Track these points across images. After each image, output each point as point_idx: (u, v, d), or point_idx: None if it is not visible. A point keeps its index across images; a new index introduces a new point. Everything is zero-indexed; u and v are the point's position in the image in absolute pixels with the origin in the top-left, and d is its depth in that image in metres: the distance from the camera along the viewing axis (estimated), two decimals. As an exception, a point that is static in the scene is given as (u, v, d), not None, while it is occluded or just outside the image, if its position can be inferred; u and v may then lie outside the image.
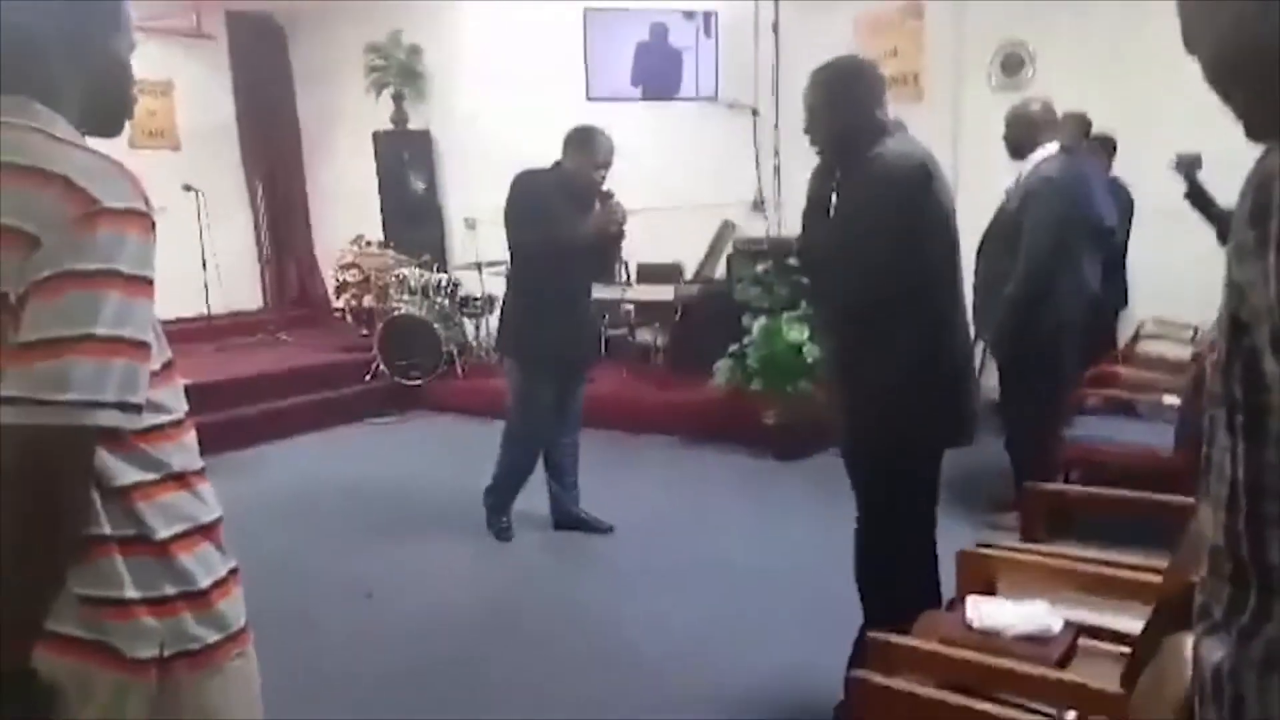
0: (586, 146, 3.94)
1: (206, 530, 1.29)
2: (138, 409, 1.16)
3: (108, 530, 1.18)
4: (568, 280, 4.00)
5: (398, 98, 8.61)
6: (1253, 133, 0.85)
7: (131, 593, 1.19)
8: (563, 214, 3.88)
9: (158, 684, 1.22)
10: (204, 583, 1.26)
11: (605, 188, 3.99)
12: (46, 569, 1.14)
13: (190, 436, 1.31)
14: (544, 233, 3.82)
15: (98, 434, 1.12)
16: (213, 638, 1.26)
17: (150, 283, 1.18)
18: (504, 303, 4.27)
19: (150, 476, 1.22)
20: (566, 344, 4.06)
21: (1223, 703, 0.84)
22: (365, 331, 7.66)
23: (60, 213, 1.10)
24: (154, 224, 1.19)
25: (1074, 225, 4.00)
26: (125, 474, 1.20)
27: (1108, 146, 5.14)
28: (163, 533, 1.22)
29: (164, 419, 1.25)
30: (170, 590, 1.22)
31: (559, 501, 4.35)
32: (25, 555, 1.11)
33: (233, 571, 1.33)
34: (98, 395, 1.10)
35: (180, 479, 1.26)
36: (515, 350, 4.14)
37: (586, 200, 3.97)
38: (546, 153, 4.02)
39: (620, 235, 4.04)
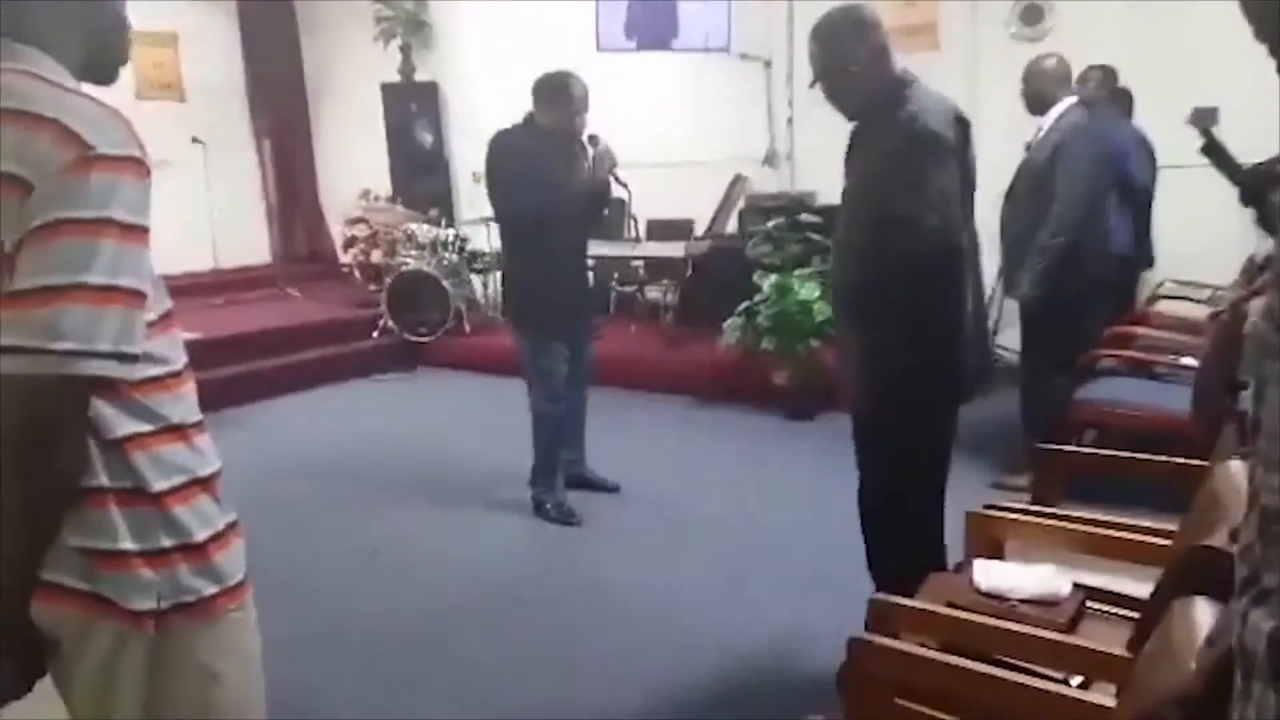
0: (560, 96, 3.78)
1: (204, 483, 1.29)
2: (134, 359, 1.15)
3: (105, 482, 1.18)
4: (560, 239, 3.87)
5: (405, 49, 8.50)
6: None
7: (128, 544, 1.20)
8: (543, 171, 3.75)
9: (155, 635, 1.23)
10: (200, 535, 1.26)
11: (589, 133, 3.88)
12: (41, 519, 1.15)
13: (189, 389, 1.31)
14: (524, 194, 3.70)
15: (93, 384, 1.12)
16: (209, 590, 1.27)
17: (146, 230, 1.16)
18: (503, 267, 4.18)
19: (147, 428, 1.22)
20: (569, 304, 3.98)
21: (1272, 675, 0.79)
22: (373, 287, 7.63)
23: (54, 158, 1.09)
24: (150, 171, 1.18)
25: (1101, 178, 3.95)
26: (122, 425, 1.19)
27: (1123, 100, 5.02)
28: (159, 485, 1.22)
29: (161, 370, 1.25)
30: (167, 542, 1.23)
31: (564, 463, 4.26)
32: (20, 505, 1.11)
33: (231, 525, 1.33)
34: (92, 344, 1.09)
35: (178, 431, 1.26)
36: (520, 318, 4.05)
37: (569, 151, 3.86)
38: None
39: (609, 182, 3.94)
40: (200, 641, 1.27)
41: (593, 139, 3.88)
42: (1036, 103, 3.99)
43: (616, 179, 3.95)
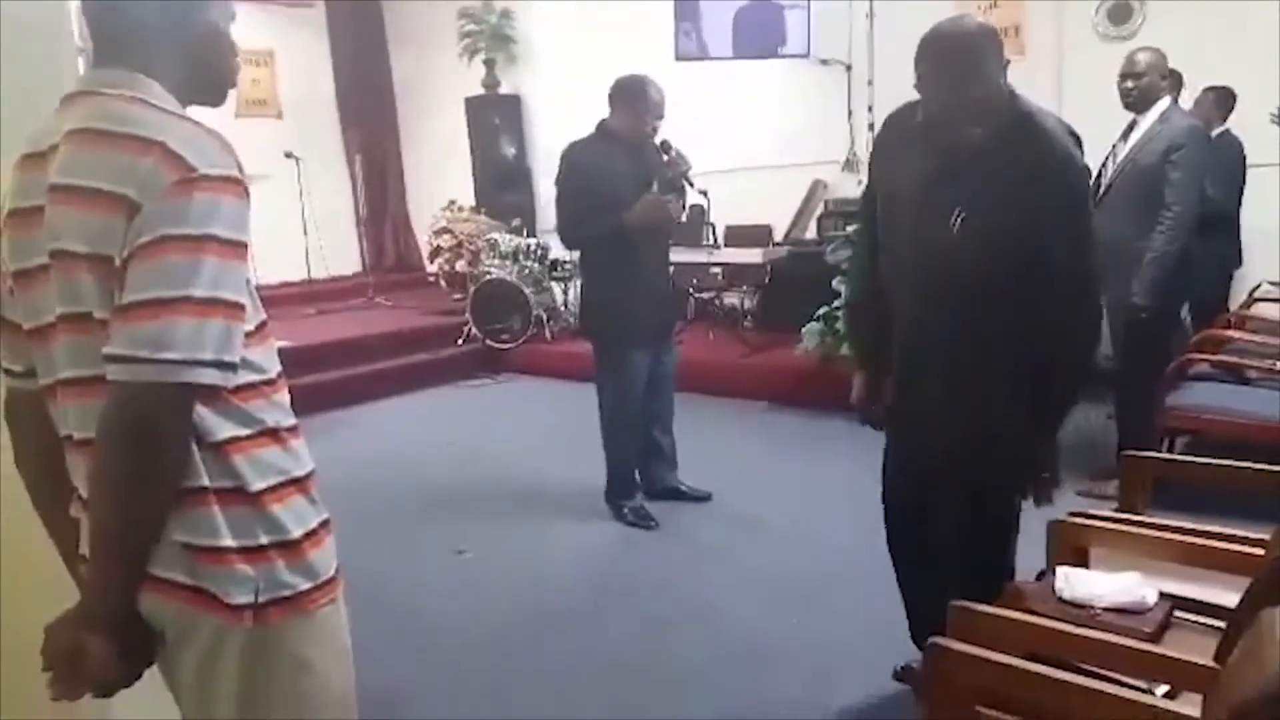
0: (636, 99, 3.78)
1: (299, 483, 1.34)
2: (233, 367, 1.21)
3: (206, 482, 1.24)
4: (638, 252, 3.85)
5: (489, 63, 8.68)
6: None
7: (228, 541, 1.25)
8: (615, 188, 3.74)
9: (254, 628, 1.28)
10: (296, 533, 1.31)
11: (661, 139, 3.87)
12: (148, 518, 1.20)
13: (283, 394, 1.36)
14: (594, 221, 3.71)
15: (197, 391, 1.18)
16: (304, 585, 1.31)
17: (245, 246, 1.22)
18: (581, 283, 4.17)
19: (245, 432, 1.27)
20: (649, 314, 3.95)
21: None
22: (458, 295, 7.79)
23: (159, 179, 1.15)
24: (248, 189, 1.24)
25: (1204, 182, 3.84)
26: (222, 429, 1.25)
27: (1225, 100, 4.88)
28: (257, 485, 1.27)
29: (258, 378, 1.30)
30: (264, 539, 1.28)
31: (650, 471, 4.26)
32: (129, 504, 1.18)
33: (324, 523, 1.38)
34: (196, 354, 1.15)
35: (274, 434, 1.31)
36: (599, 330, 4.03)
37: (642, 156, 3.85)
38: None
39: (684, 186, 3.90)
40: (295, 634, 1.32)
41: (664, 145, 3.88)
42: (1142, 99, 3.82)
43: (690, 184, 3.94)
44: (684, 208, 4.11)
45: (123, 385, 1.15)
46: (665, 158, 3.87)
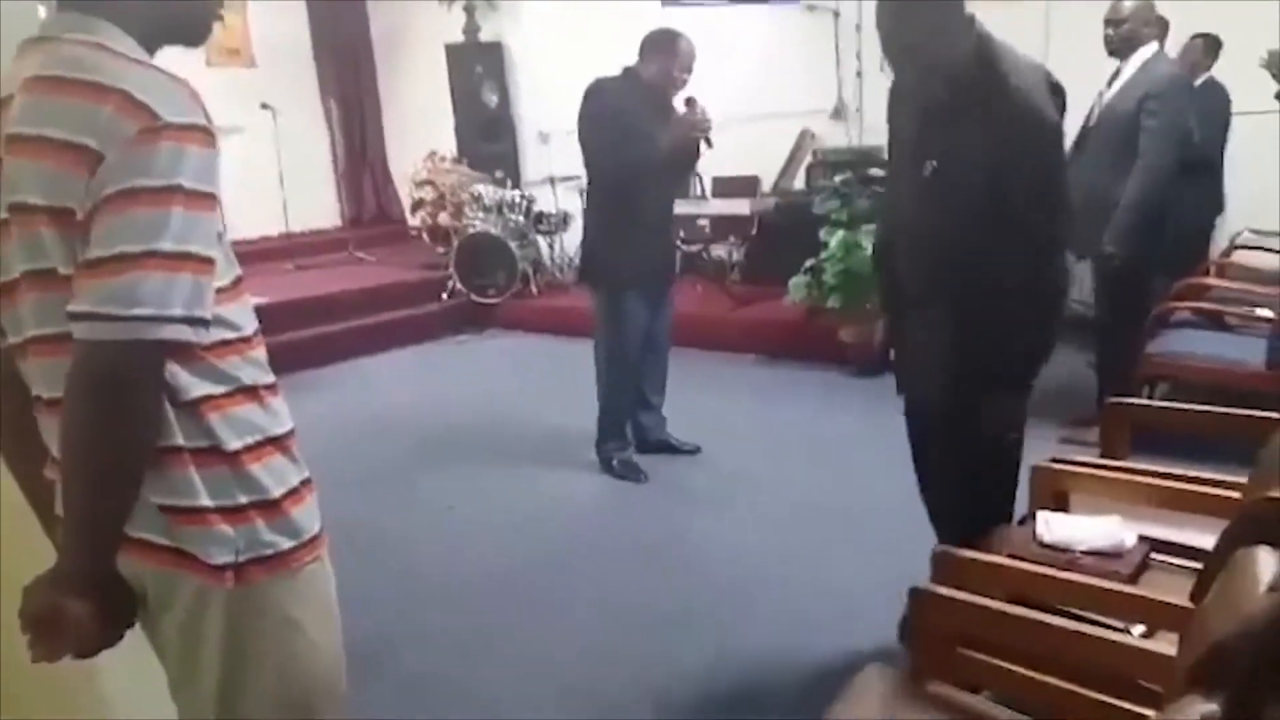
0: (668, 50, 3.78)
1: (278, 441, 1.32)
2: (205, 323, 1.18)
3: (181, 441, 1.22)
4: (650, 196, 3.88)
5: (470, 9, 8.53)
6: None
7: (205, 501, 1.23)
8: (642, 125, 3.75)
9: (236, 588, 1.27)
10: (276, 492, 1.29)
11: (687, 95, 3.86)
12: (121, 478, 1.18)
13: (260, 352, 1.34)
14: (624, 148, 3.70)
15: (166, 348, 1.15)
16: (286, 544, 1.30)
17: (213, 197, 1.19)
18: (585, 226, 4.15)
19: (220, 390, 1.25)
20: (652, 263, 3.98)
21: None
22: (441, 249, 7.74)
23: (121, 128, 1.12)
24: (216, 139, 1.20)
25: (1189, 130, 3.83)
26: (196, 387, 1.22)
27: (1212, 47, 4.86)
28: (233, 444, 1.25)
29: (232, 335, 1.28)
30: (243, 499, 1.26)
31: (642, 424, 4.29)
32: (101, 465, 1.16)
33: (305, 481, 1.36)
34: (165, 310, 1.12)
35: (251, 392, 1.29)
36: (602, 275, 4.03)
37: (665, 108, 3.85)
38: (620, 63, 3.92)
39: (701, 145, 3.90)
40: (279, 593, 1.31)
41: (690, 101, 3.86)
42: (1124, 45, 3.82)
43: (709, 143, 3.93)
44: (697, 176, 4.12)
45: (90, 344, 1.12)
46: (692, 113, 3.84)
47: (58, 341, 1.17)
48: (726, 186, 7.11)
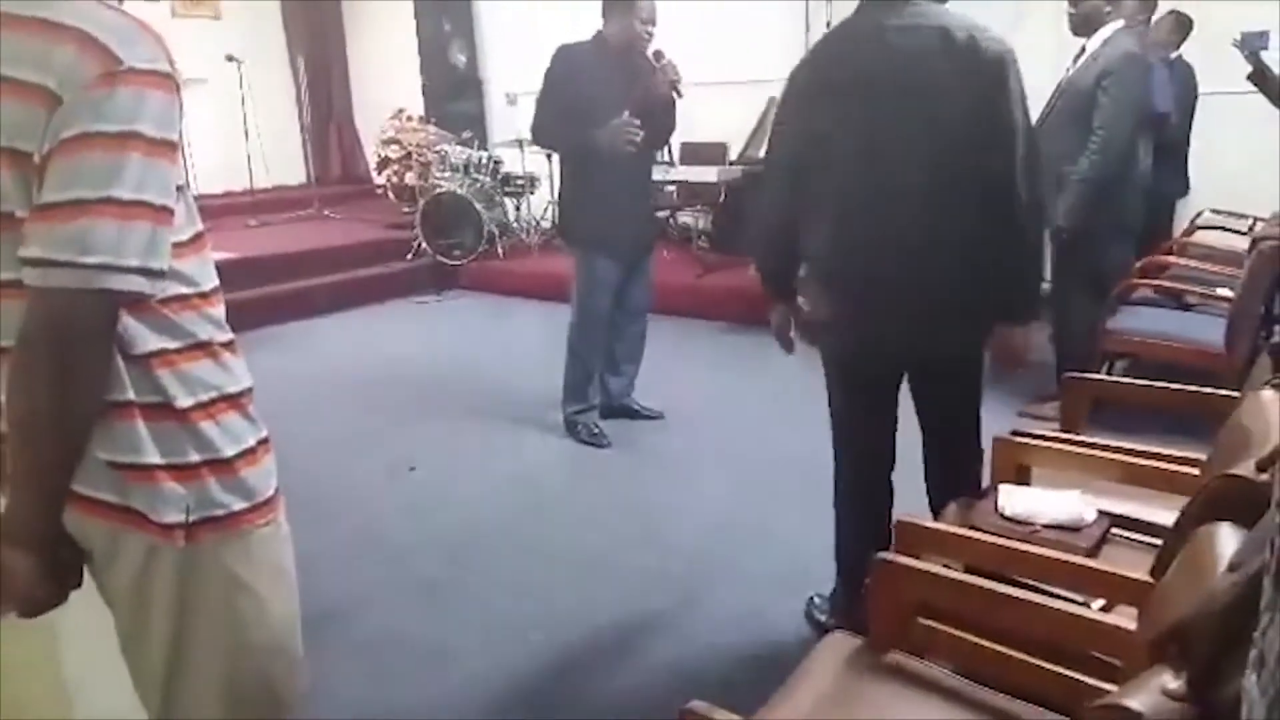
0: (628, 7, 3.74)
1: (233, 399, 1.29)
2: (160, 274, 1.15)
3: (131, 396, 1.19)
4: (622, 156, 3.82)
5: (438, -37, 8.39)
6: None
7: (154, 458, 1.21)
8: (605, 92, 3.72)
9: (186, 547, 1.24)
10: (229, 451, 1.27)
11: (654, 49, 3.83)
12: (70, 431, 1.15)
13: (218, 308, 1.31)
14: (568, 129, 3.69)
15: (120, 298, 1.12)
16: (239, 505, 1.28)
17: (173, 146, 1.16)
18: (560, 184, 4.11)
19: (174, 344, 1.22)
20: (625, 225, 3.93)
21: None
22: (407, 209, 7.65)
23: (81, 70, 1.08)
24: (179, 86, 1.17)
25: (1146, 108, 3.86)
26: (148, 341, 1.19)
27: (1182, 24, 4.89)
28: (185, 400, 1.22)
29: (189, 290, 1.25)
30: (195, 457, 1.24)
31: (608, 388, 4.28)
32: (49, 416, 1.13)
33: (262, 441, 1.34)
34: (119, 259, 1.09)
35: (205, 348, 1.26)
36: (575, 235, 4.01)
37: (633, 65, 3.81)
38: (590, 26, 3.88)
39: (673, 98, 3.87)
40: (230, 554, 1.29)
41: (657, 54, 3.82)
42: (1084, 24, 3.86)
43: (679, 94, 3.89)
44: (672, 118, 4.05)
45: (40, 291, 1.08)
46: (657, 66, 3.81)
47: (11, 287, 1.13)
48: (694, 154, 7.09)
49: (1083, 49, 3.89)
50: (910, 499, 2.50)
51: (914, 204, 2.20)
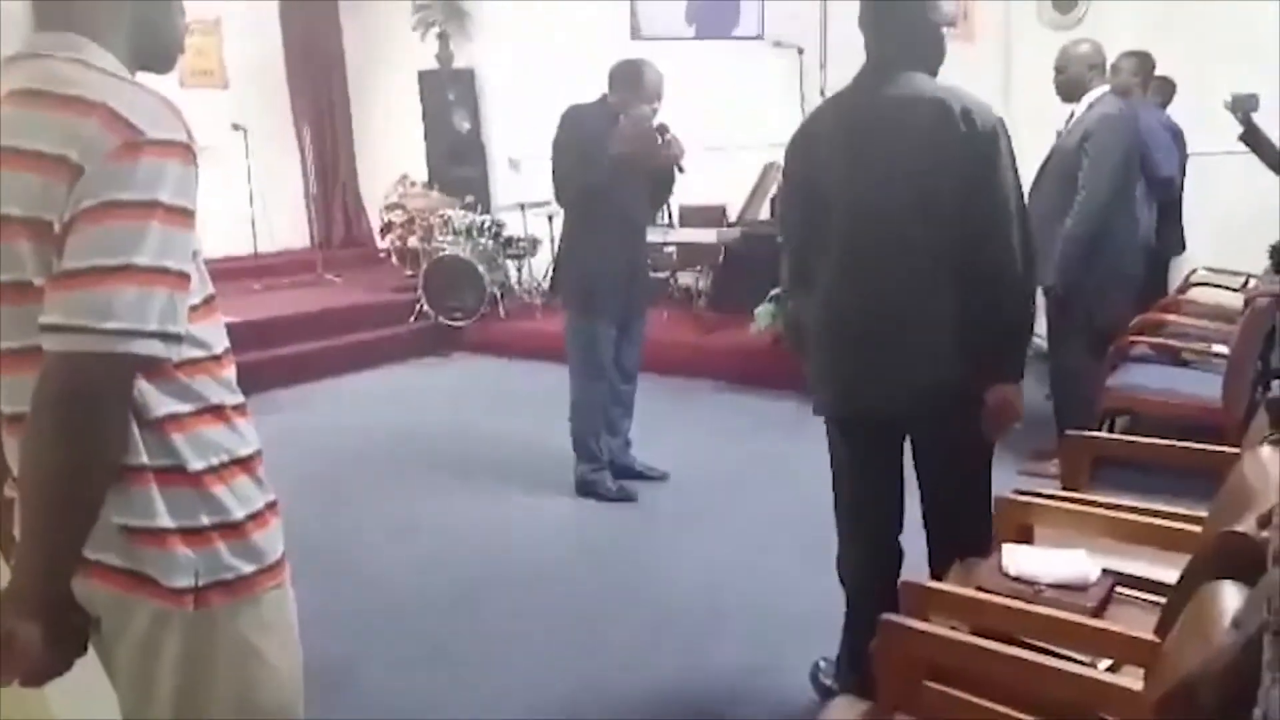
0: (636, 82, 3.82)
1: (243, 463, 1.30)
2: (178, 339, 1.17)
3: (144, 460, 1.20)
4: (621, 218, 3.91)
5: (443, 36, 8.57)
6: None
7: (166, 522, 1.21)
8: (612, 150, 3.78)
9: (195, 613, 1.24)
10: (239, 514, 1.27)
11: (659, 122, 3.90)
12: (85, 495, 1.15)
13: (229, 372, 1.33)
14: (592, 170, 3.73)
15: (138, 363, 1.14)
16: (248, 569, 1.28)
17: (191, 214, 1.19)
18: (558, 246, 4.16)
19: (186, 408, 1.23)
20: (624, 286, 3.99)
21: None
22: (410, 272, 7.72)
23: (102, 142, 1.11)
24: (195, 155, 1.20)
25: (1131, 168, 3.94)
26: (162, 405, 1.21)
27: (1166, 88, 5.00)
28: (197, 464, 1.23)
29: (202, 353, 1.26)
30: (205, 521, 1.24)
31: (609, 449, 4.26)
32: (64, 481, 1.13)
33: (270, 505, 1.34)
34: (139, 324, 1.11)
35: (218, 411, 1.27)
36: (572, 294, 4.05)
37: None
38: (591, 93, 3.97)
39: (673, 171, 3.94)
40: (241, 619, 1.29)
41: (661, 128, 3.90)
42: (1070, 90, 3.96)
43: (681, 169, 3.96)
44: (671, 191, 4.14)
45: (60, 355, 1.10)
46: (661, 140, 3.88)
47: (26, 355, 1.15)
48: (693, 216, 7.18)
49: (1072, 113, 3.98)
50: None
51: (909, 267, 2.25)
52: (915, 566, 2.39)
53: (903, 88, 2.24)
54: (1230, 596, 1.24)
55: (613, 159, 3.73)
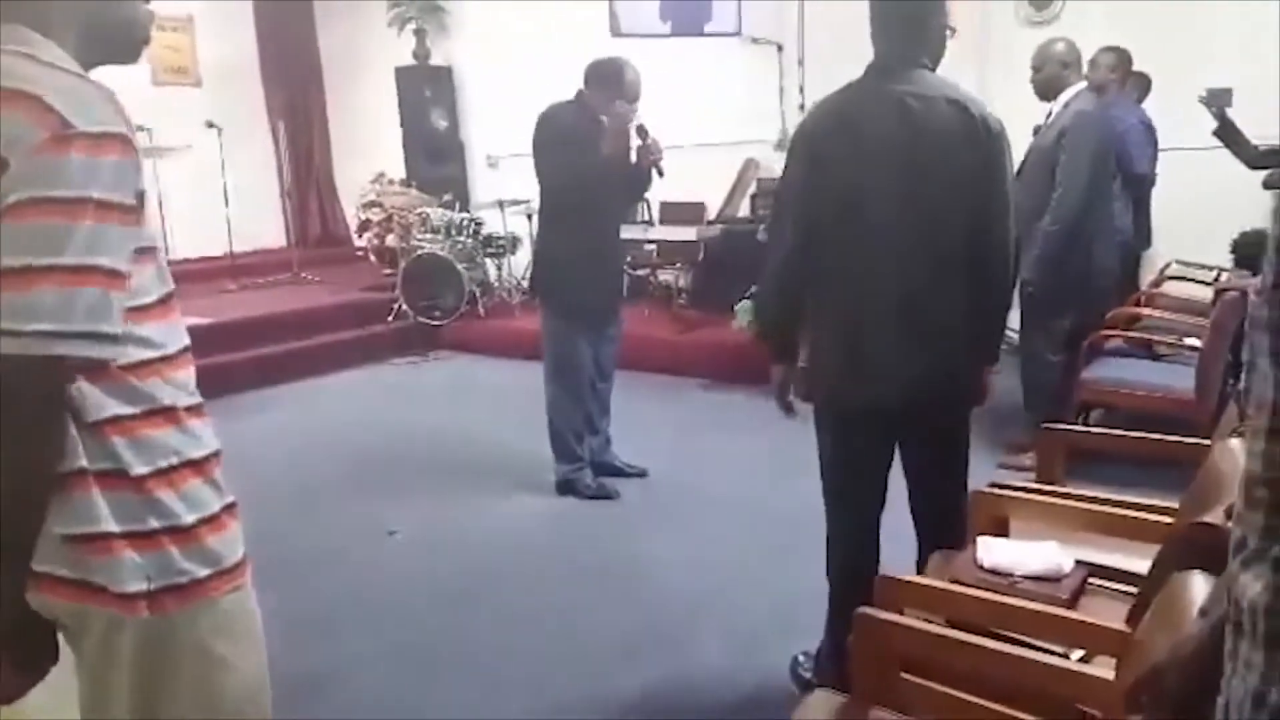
0: (615, 82, 3.79)
1: (196, 466, 1.27)
2: (112, 338, 1.13)
3: (84, 464, 1.17)
4: (599, 217, 3.89)
5: (420, 33, 8.53)
6: None
7: (112, 527, 1.18)
8: (592, 148, 3.76)
9: (151, 618, 1.22)
10: (189, 518, 1.24)
11: (638, 123, 3.89)
12: (25, 505, 1.13)
13: (185, 372, 1.29)
14: (573, 170, 3.71)
15: (74, 364, 1.11)
16: (203, 572, 1.26)
17: (130, 208, 1.15)
18: (536, 245, 4.13)
19: (131, 410, 1.20)
20: (600, 288, 3.98)
21: (1257, 636, 0.84)
22: (388, 271, 7.68)
23: (29, 135, 1.08)
24: (135, 146, 1.16)
25: (1107, 165, 3.97)
26: (105, 407, 1.17)
27: (1141, 84, 5.04)
28: (140, 468, 1.20)
29: (153, 354, 1.23)
30: (154, 524, 1.21)
31: (590, 447, 4.26)
32: (2, 488, 1.10)
33: (228, 507, 1.32)
34: (64, 325, 1.08)
35: (167, 413, 1.24)
36: (549, 295, 4.04)
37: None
38: (570, 90, 3.94)
39: (651, 172, 3.93)
40: (197, 623, 1.26)
41: (641, 130, 3.88)
42: (1046, 88, 3.99)
43: (660, 173, 3.95)
44: (645, 202, 4.13)
45: None
46: (640, 143, 3.87)
47: None
48: (673, 213, 7.18)
49: (1049, 111, 4.01)
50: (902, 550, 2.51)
51: (935, 261, 2.31)
52: (893, 561, 2.40)
53: (918, 85, 2.29)
54: (1199, 586, 1.25)
55: (603, 160, 3.72)
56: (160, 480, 1.22)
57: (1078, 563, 2.08)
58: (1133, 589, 1.90)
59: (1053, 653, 1.72)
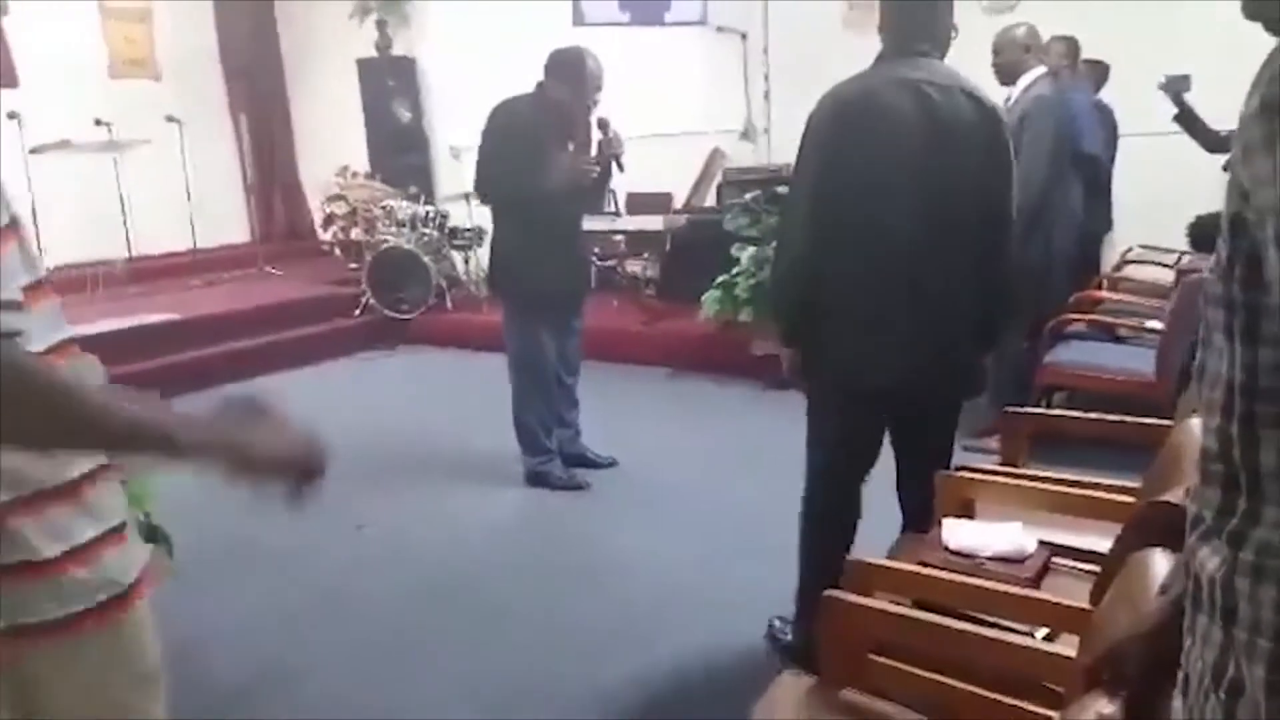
0: (575, 75, 3.72)
1: (59, 492, 1.15)
2: None
3: None
4: (556, 213, 3.83)
5: (381, 24, 8.45)
6: (1272, 27, 0.83)
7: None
8: (547, 152, 3.71)
9: (29, 657, 1.15)
10: (49, 552, 1.13)
11: (599, 115, 3.86)
12: None
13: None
14: (523, 179, 3.65)
15: None
16: (73, 608, 1.16)
17: None
18: (493, 239, 4.09)
19: None
20: (560, 280, 3.93)
21: (1215, 611, 0.86)
22: (354, 264, 7.62)
23: None
24: None
25: (1065, 148, 4.01)
26: None
27: (1099, 71, 5.09)
28: None
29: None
30: (10, 559, 1.11)
31: (556, 438, 4.24)
32: None
33: (113, 530, 1.21)
34: None
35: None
36: (507, 289, 4.00)
37: (575, 125, 3.82)
38: (533, 80, 3.89)
39: (610, 169, 3.91)
40: (61, 662, 1.17)
41: (602, 122, 3.84)
42: (1007, 73, 4.03)
43: (620, 165, 3.92)
44: (612, 193, 4.10)
45: None
46: (601, 135, 3.83)
47: None
48: (640, 203, 7.16)
49: (1009, 96, 4.05)
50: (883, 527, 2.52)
51: (959, 247, 2.38)
52: (865, 543, 2.42)
53: (933, 74, 2.36)
54: (1159, 564, 1.27)
55: (549, 181, 3.67)
56: (11, 511, 1.12)
57: (1041, 543, 2.11)
58: (1095, 568, 1.92)
59: (1018, 632, 1.75)
